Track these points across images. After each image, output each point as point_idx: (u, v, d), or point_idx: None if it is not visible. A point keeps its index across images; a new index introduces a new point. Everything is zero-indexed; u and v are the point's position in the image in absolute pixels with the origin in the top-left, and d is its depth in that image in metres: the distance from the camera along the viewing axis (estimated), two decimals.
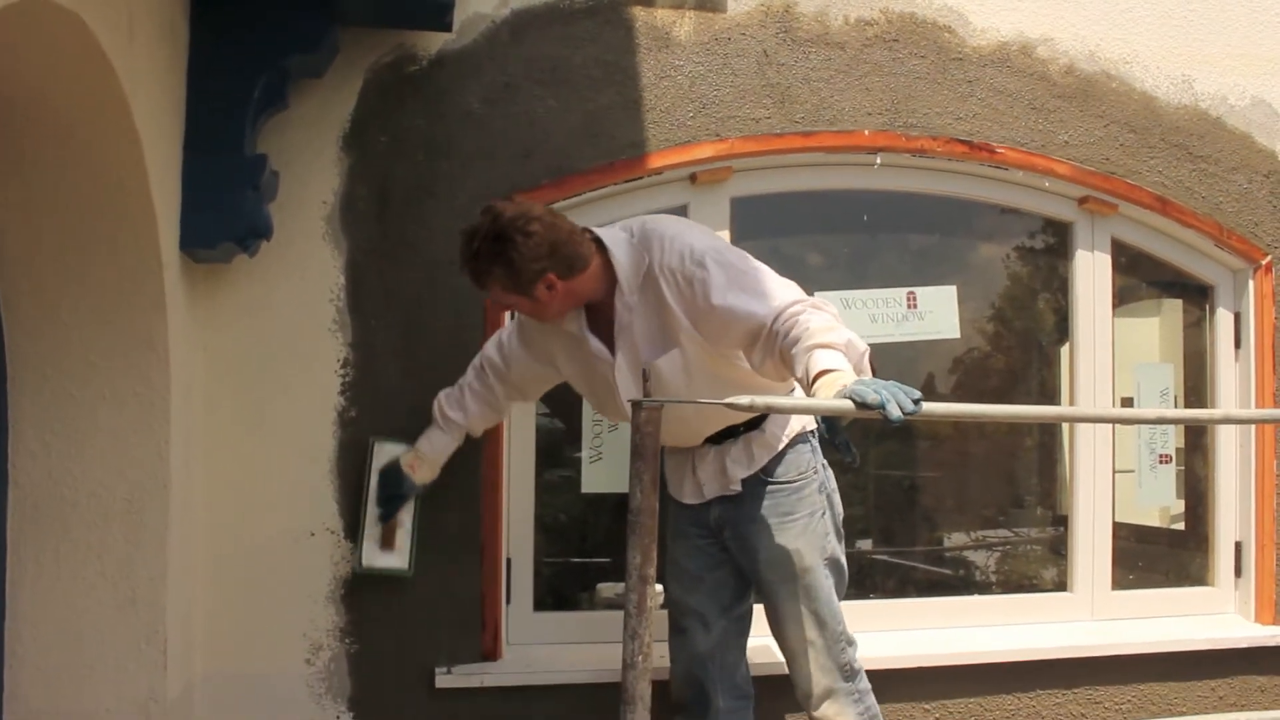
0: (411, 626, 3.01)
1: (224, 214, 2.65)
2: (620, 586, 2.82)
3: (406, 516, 2.95)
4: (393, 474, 2.89)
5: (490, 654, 3.07)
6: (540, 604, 3.25)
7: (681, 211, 3.29)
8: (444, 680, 3.00)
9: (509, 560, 3.16)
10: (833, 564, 2.73)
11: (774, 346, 2.32)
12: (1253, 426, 3.72)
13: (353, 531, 2.98)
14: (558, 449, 3.34)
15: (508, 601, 3.16)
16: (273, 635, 2.95)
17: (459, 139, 3.08)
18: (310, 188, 2.99)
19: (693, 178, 3.27)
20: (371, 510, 2.93)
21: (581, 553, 3.51)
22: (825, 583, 2.69)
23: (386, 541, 2.94)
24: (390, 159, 3.04)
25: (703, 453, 2.74)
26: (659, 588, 2.80)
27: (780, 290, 2.41)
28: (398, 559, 2.94)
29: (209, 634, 2.91)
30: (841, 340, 2.18)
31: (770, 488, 2.69)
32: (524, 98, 3.13)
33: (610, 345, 2.57)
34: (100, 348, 2.50)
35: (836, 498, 2.80)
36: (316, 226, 2.99)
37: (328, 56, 2.83)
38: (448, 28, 2.99)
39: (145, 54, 2.29)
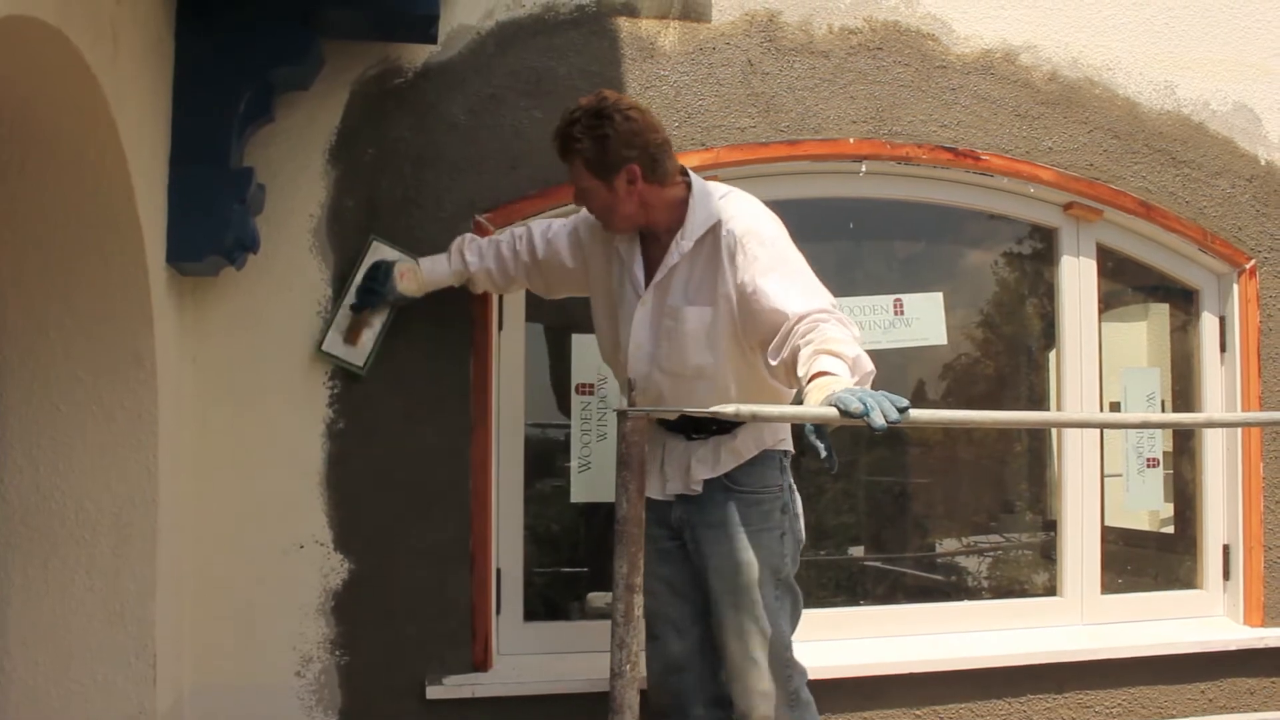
0: (402, 638, 3.01)
1: (211, 227, 2.65)
2: (610, 595, 2.82)
3: (378, 320, 2.98)
4: (382, 272, 2.90)
5: (481, 664, 3.06)
6: (531, 614, 3.25)
7: None
8: (435, 691, 2.99)
9: (499, 570, 3.16)
10: (785, 587, 2.70)
11: (789, 344, 2.35)
12: (1239, 429, 3.74)
13: (342, 543, 2.98)
14: (547, 458, 3.34)
15: (498, 612, 3.15)
16: (262, 648, 2.95)
17: (445, 150, 3.09)
18: (297, 200, 2.99)
19: None
20: (348, 299, 2.96)
21: (572, 562, 3.51)
22: (774, 603, 2.66)
23: (352, 336, 2.96)
24: (377, 171, 3.04)
25: (673, 447, 2.74)
26: None
27: (816, 296, 2.43)
28: (356, 355, 2.97)
29: (198, 647, 2.91)
30: (850, 354, 2.20)
31: (731, 495, 2.68)
32: (509, 109, 3.14)
33: (649, 281, 2.63)
34: (87, 361, 2.50)
35: (800, 524, 2.78)
36: (303, 239, 3.00)
37: (313, 69, 2.83)
38: (433, 40, 3.00)
39: (130, 68, 2.30)
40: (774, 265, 2.48)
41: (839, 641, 3.40)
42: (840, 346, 2.21)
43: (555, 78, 3.16)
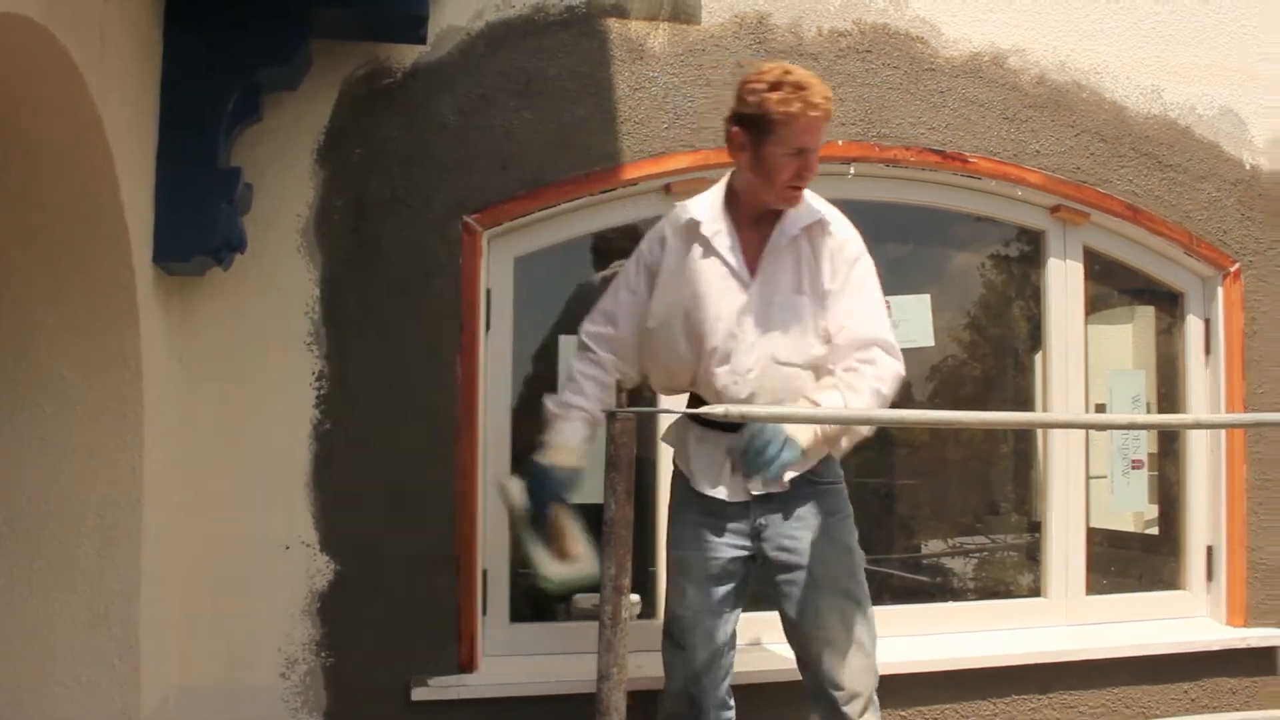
0: (387, 639, 3.00)
1: (198, 227, 2.64)
2: (597, 597, 2.82)
3: (569, 522, 2.59)
4: (538, 477, 2.58)
5: (467, 666, 3.06)
6: (517, 615, 3.24)
7: (654, 223, 3.29)
8: (420, 693, 2.99)
9: (485, 571, 3.16)
10: (862, 567, 2.76)
11: (834, 362, 2.52)
12: (1223, 431, 3.76)
13: (328, 544, 2.97)
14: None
15: (484, 613, 3.15)
16: (247, 649, 2.94)
17: (434, 151, 3.08)
18: (284, 200, 2.98)
19: (667, 188, 3.28)
20: (526, 522, 2.60)
21: None
22: (863, 582, 2.72)
23: (560, 553, 2.57)
24: (365, 171, 3.03)
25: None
26: (635, 598, 2.79)
27: (883, 329, 2.59)
28: (585, 565, 2.55)
29: (183, 648, 2.89)
30: (856, 404, 2.41)
31: (816, 487, 2.67)
32: (499, 110, 3.13)
33: (751, 272, 2.61)
34: (73, 361, 2.49)
35: None
36: (291, 239, 2.99)
37: (301, 69, 2.82)
38: (422, 40, 2.99)
39: (118, 67, 2.28)
40: (864, 281, 2.60)
41: None
42: (856, 398, 2.38)
43: (545, 78, 3.16)
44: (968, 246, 3.87)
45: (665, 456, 3.29)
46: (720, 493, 2.67)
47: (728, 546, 2.68)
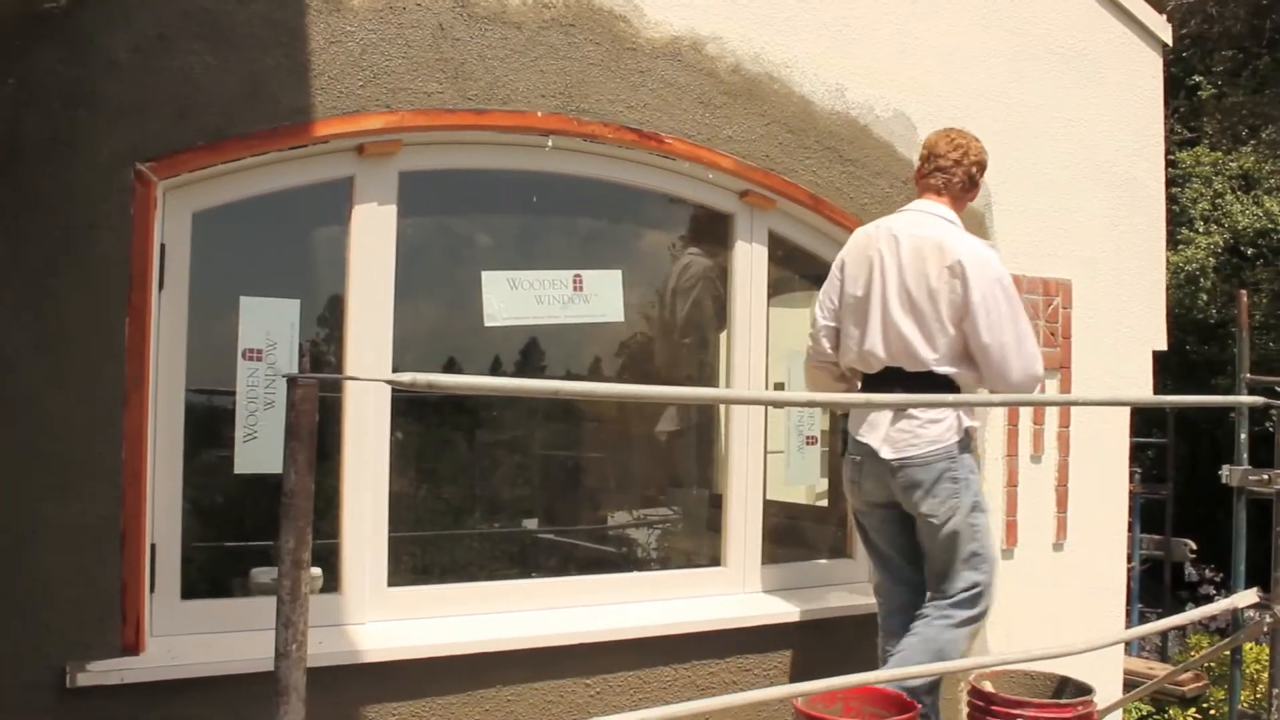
0: (39, 621, 2.74)
1: None
2: (275, 571, 2.69)
3: None
4: None
5: (132, 647, 2.85)
6: (190, 592, 3.05)
7: (347, 184, 3.19)
8: (79, 679, 2.74)
9: (153, 546, 2.95)
10: None
11: None
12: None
13: None
14: (211, 427, 3.15)
15: (152, 590, 2.94)
16: None
17: (104, 90, 2.82)
18: None
19: (360, 149, 3.16)
20: None
21: (237, 536, 3.33)
22: None
23: None
24: (19, 106, 2.74)
25: None
26: (316, 571, 2.69)
27: None
28: None
29: None
30: None
31: None
32: (180, 51, 2.91)
33: None
34: None
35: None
36: None
37: None
38: None
39: None
40: None
41: (512, 614, 3.41)
42: None
43: (233, 23, 2.96)
44: (660, 226, 3.98)
45: (352, 426, 3.19)
46: None
47: None
